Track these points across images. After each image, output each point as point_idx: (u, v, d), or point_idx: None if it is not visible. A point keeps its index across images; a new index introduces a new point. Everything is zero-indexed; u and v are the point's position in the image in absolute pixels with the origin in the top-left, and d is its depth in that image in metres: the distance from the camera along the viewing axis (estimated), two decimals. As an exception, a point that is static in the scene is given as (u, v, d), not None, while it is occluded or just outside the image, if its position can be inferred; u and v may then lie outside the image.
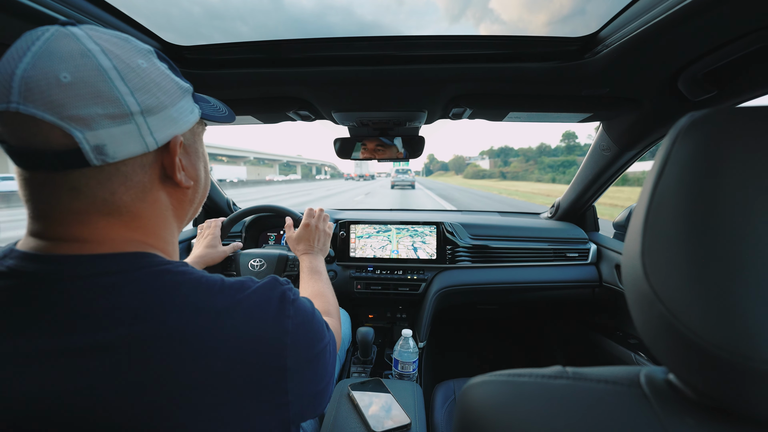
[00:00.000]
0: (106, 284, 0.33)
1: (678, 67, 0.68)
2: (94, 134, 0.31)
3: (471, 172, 75.04)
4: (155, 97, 0.36)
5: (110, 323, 0.31)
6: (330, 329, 0.48)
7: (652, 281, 0.25)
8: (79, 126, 0.31)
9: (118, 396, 0.30)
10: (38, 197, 0.34)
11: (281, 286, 0.41)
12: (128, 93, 0.33)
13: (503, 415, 0.29)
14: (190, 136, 0.43)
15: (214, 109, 0.47)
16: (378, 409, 0.77)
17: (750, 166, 0.23)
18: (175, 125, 0.38)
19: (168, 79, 0.38)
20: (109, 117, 0.32)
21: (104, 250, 0.35)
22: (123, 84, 0.33)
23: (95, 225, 0.35)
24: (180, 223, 0.45)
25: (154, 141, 0.36)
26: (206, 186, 0.49)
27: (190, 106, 0.41)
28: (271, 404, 0.36)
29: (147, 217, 0.38)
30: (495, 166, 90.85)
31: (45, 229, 0.34)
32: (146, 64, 0.36)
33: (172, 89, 0.38)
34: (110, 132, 0.32)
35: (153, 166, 0.38)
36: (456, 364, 1.81)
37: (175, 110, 0.38)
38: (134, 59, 0.35)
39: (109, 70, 0.32)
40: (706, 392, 0.25)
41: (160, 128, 0.36)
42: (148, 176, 0.37)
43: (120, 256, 0.35)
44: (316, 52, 0.76)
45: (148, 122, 0.35)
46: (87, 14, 0.56)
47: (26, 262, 0.33)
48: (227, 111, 0.51)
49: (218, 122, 0.48)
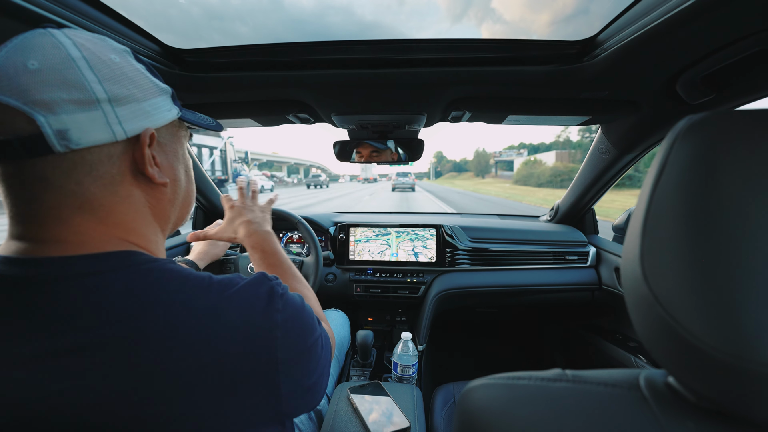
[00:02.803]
0: (91, 284, 0.33)
1: (676, 70, 0.68)
2: (57, 118, 0.31)
3: (526, 173, 37.01)
4: (125, 88, 0.36)
5: (98, 323, 0.31)
6: (320, 324, 0.48)
7: (651, 284, 0.25)
8: (42, 110, 0.31)
9: (109, 395, 0.30)
10: (12, 191, 0.34)
11: (269, 281, 0.41)
12: (95, 81, 0.33)
13: (503, 418, 0.29)
14: (168, 136, 0.43)
15: (198, 117, 0.48)
16: (377, 413, 0.77)
17: (748, 169, 0.23)
18: (147, 118, 0.38)
19: (142, 76, 0.38)
20: (74, 102, 0.32)
21: (87, 251, 0.35)
22: (91, 72, 0.33)
23: (71, 222, 0.35)
24: (162, 225, 0.44)
25: (123, 131, 0.36)
26: (188, 189, 0.48)
27: (167, 105, 0.41)
28: (264, 398, 0.36)
29: (122, 212, 0.38)
30: (568, 159, 43.33)
31: (25, 231, 0.34)
32: (119, 59, 0.36)
33: (145, 85, 0.38)
34: (74, 117, 0.32)
35: (122, 158, 0.37)
36: (455, 367, 1.80)
37: (148, 105, 0.38)
38: (106, 54, 0.35)
39: (78, 59, 0.33)
40: (706, 395, 0.24)
41: (129, 119, 0.36)
42: (116, 168, 0.37)
43: (104, 256, 0.35)
44: (316, 55, 0.77)
45: (117, 111, 0.35)
46: (86, 17, 0.56)
47: (8, 267, 0.33)
48: (214, 122, 0.51)
49: (201, 127, 0.48)
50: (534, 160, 44.97)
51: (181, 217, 0.48)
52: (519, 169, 41.16)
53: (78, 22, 0.55)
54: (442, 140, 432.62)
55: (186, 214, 0.49)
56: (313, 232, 1.09)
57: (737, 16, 0.50)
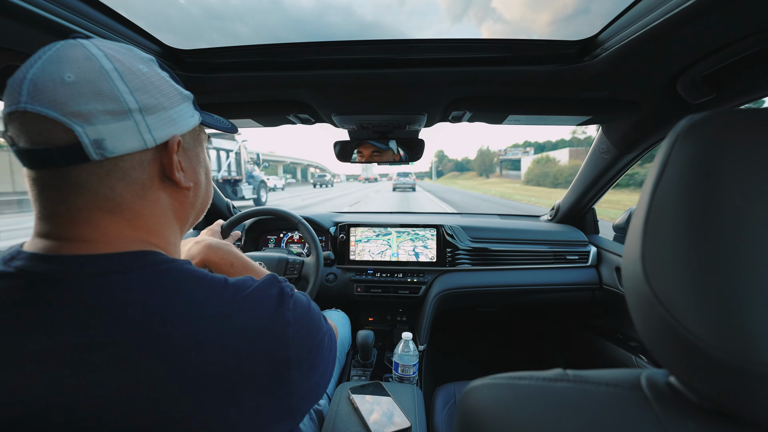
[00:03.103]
0: (112, 283, 0.34)
1: (677, 70, 0.68)
2: (93, 129, 0.33)
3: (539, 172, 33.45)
4: (154, 98, 0.38)
5: (116, 320, 0.32)
6: (327, 320, 0.50)
7: (652, 283, 0.25)
8: (79, 121, 0.32)
9: (124, 392, 0.30)
10: (45, 195, 0.35)
11: (279, 282, 0.43)
12: (127, 92, 0.35)
13: (504, 418, 0.29)
14: (191, 141, 0.45)
15: (215, 120, 0.50)
16: (378, 413, 0.77)
17: (749, 168, 0.23)
18: (173, 126, 0.40)
19: (168, 84, 0.40)
20: (108, 113, 0.34)
21: (110, 250, 0.36)
22: (123, 83, 0.35)
23: (99, 223, 0.36)
24: (182, 225, 0.46)
25: (153, 138, 0.38)
26: (207, 191, 0.50)
27: (190, 111, 0.43)
28: (276, 396, 0.37)
29: (148, 215, 0.40)
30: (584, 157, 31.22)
31: (52, 230, 0.36)
32: (146, 69, 0.38)
33: (171, 93, 0.40)
34: (109, 127, 0.34)
35: (152, 164, 0.39)
36: (456, 367, 1.80)
37: (174, 112, 0.40)
38: (135, 64, 0.37)
39: (110, 71, 0.34)
40: (708, 395, 0.24)
41: (158, 127, 0.38)
42: (146, 174, 0.38)
43: (125, 255, 0.36)
44: (317, 56, 0.77)
45: (147, 120, 0.37)
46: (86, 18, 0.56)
47: (34, 263, 0.34)
48: (230, 124, 0.54)
49: (219, 130, 0.51)
50: (547, 158, 42.05)
51: (197, 218, 0.50)
52: (530, 168, 38.58)
53: (78, 23, 0.55)
54: (443, 139, 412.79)
55: (202, 213, 0.51)
56: (313, 232, 1.09)
57: (738, 16, 0.50)
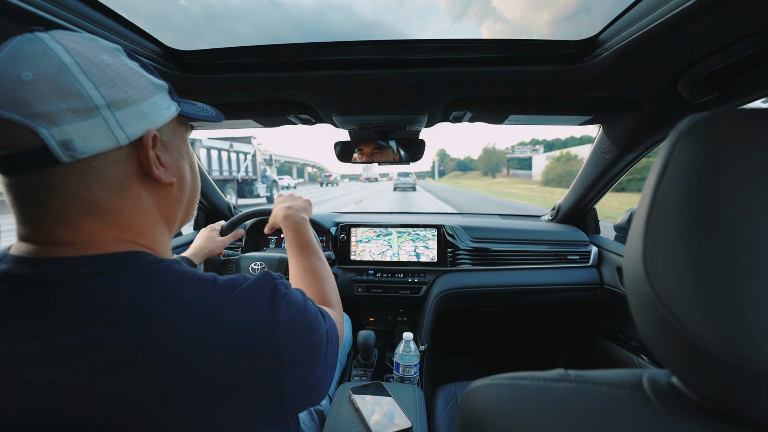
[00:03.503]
0: (98, 285, 0.33)
1: (678, 69, 0.68)
2: (59, 129, 0.31)
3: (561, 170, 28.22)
4: (122, 92, 0.35)
5: (102, 324, 0.31)
6: (327, 317, 0.48)
7: (654, 283, 0.25)
8: (44, 122, 0.31)
9: (114, 393, 0.30)
10: (20, 201, 0.34)
11: (273, 280, 0.41)
12: (92, 87, 0.33)
13: (505, 419, 0.29)
14: (170, 134, 0.42)
15: (197, 109, 0.47)
16: (379, 413, 0.76)
17: (751, 168, 0.23)
18: (147, 120, 0.38)
19: (137, 75, 0.38)
20: (74, 111, 0.32)
21: (94, 252, 0.35)
22: (86, 78, 0.33)
23: (80, 226, 0.35)
24: (169, 224, 0.45)
25: (125, 135, 0.36)
26: (194, 185, 0.48)
27: (165, 102, 0.41)
28: (267, 398, 0.37)
29: (130, 215, 0.38)
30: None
31: (33, 234, 0.35)
32: (112, 60, 0.36)
33: (141, 85, 0.38)
34: (76, 127, 0.32)
35: (128, 162, 0.37)
36: (457, 367, 1.80)
37: (147, 105, 0.38)
38: (98, 56, 0.35)
39: (71, 65, 0.32)
40: (710, 395, 0.24)
41: (130, 122, 0.36)
42: (123, 173, 0.37)
43: (111, 257, 0.35)
44: (317, 56, 0.77)
45: (116, 116, 0.35)
46: (86, 18, 0.56)
47: (19, 266, 0.34)
48: (214, 111, 0.50)
49: (202, 120, 0.47)
50: (568, 155, 36.00)
51: (187, 215, 0.49)
52: (549, 167, 33.85)
53: (78, 23, 0.55)
54: (445, 138, 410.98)
55: (192, 209, 0.49)
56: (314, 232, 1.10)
57: (738, 16, 0.50)
